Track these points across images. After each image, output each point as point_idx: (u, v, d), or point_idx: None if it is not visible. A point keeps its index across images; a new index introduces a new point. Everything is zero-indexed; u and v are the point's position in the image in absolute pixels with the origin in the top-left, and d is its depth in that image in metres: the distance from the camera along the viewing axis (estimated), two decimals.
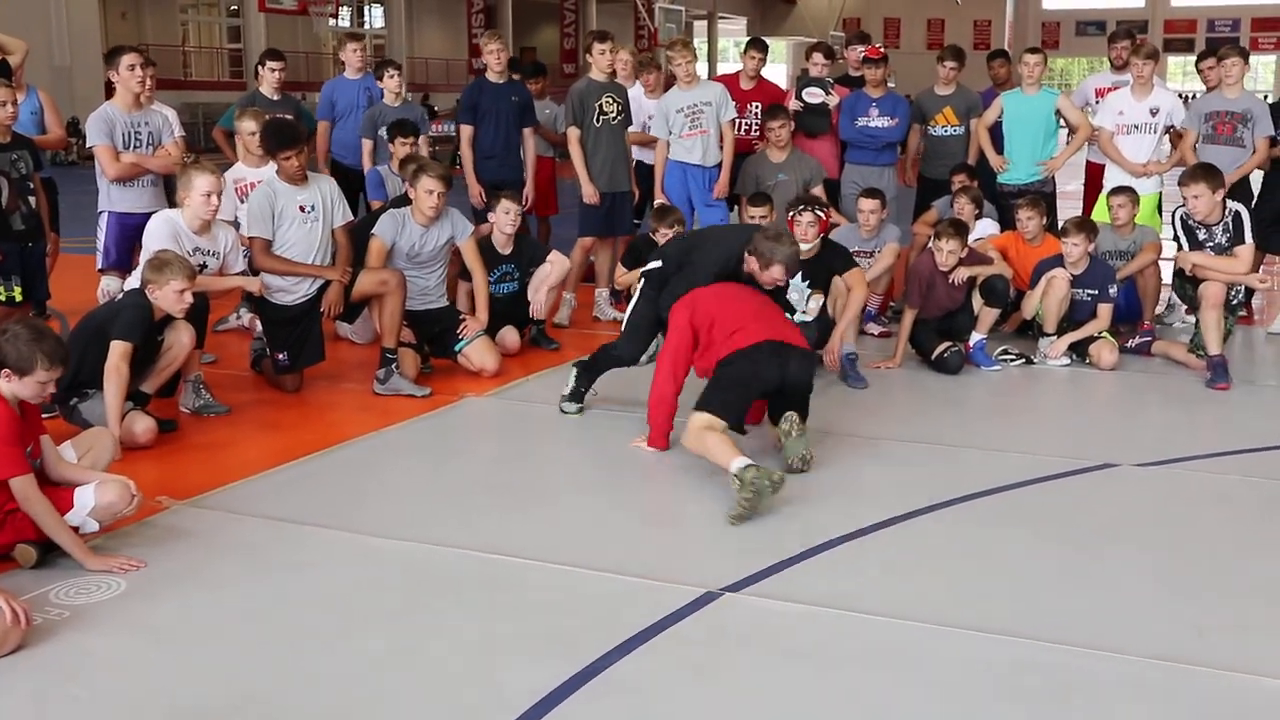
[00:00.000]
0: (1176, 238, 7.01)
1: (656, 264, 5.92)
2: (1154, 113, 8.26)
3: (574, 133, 8.30)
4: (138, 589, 4.01)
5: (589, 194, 8.22)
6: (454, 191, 7.00)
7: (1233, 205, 6.87)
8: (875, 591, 4.00)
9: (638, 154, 9.03)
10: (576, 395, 6.11)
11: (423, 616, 3.82)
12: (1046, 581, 4.11)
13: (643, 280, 5.98)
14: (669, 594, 3.92)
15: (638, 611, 3.79)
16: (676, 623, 3.74)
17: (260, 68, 8.91)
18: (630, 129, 8.79)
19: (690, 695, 3.34)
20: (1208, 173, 6.82)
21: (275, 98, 8.66)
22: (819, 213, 6.82)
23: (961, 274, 7.03)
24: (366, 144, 8.81)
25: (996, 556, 4.33)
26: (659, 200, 8.44)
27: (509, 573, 4.16)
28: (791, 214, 7.00)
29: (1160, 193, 8.44)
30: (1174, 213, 7.06)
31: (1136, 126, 8.30)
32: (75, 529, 4.17)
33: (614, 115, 8.31)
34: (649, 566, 4.16)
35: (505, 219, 7.43)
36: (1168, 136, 8.52)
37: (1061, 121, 8.77)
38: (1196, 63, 9.10)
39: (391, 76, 9.03)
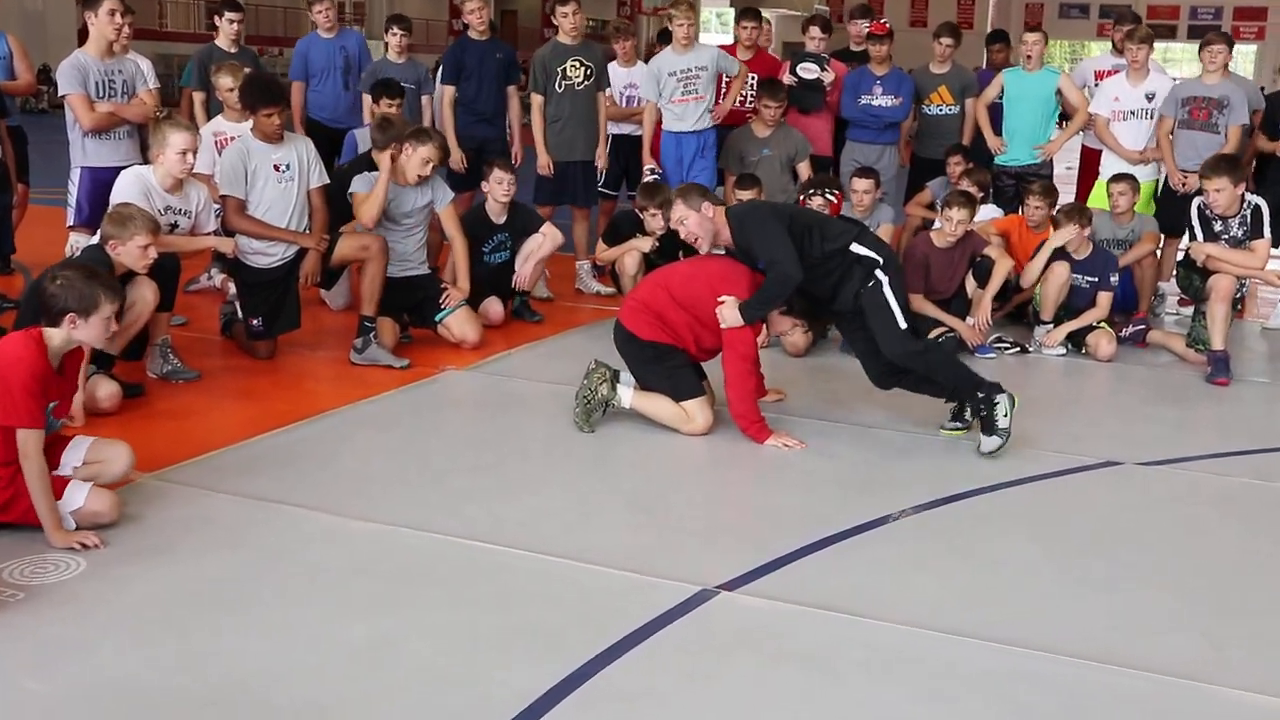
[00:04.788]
0: (1191, 227, 6.83)
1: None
2: (1150, 98, 8.08)
3: (536, 99, 8.08)
4: (99, 569, 3.79)
5: (542, 163, 7.97)
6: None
7: (1251, 199, 6.70)
8: (876, 593, 3.82)
9: (613, 128, 8.73)
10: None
11: (404, 607, 3.61)
12: (1051, 586, 3.93)
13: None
14: (661, 591, 3.73)
15: (629, 609, 3.60)
16: (669, 623, 3.54)
17: (218, 19, 8.57)
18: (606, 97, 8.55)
19: (685, 704, 3.15)
20: (1231, 166, 6.66)
21: (232, 50, 8.33)
22: (830, 196, 6.62)
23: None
24: (368, 101, 8.47)
25: (998, 558, 4.15)
26: (649, 170, 8.16)
27: (493, 562, 3.96)
28: (802, 196, 6.82)
29: (1158, 180, 8.28)
30: (1192, 202, 6.89)
31: (1133, 112, 8.12)
32: None
33: (579, 80, 8.05)
34: (640, 560, 3.97)
35: (499, 189, 7.19)
36: None
37: (1059, 103, 8.56)
38: (1200, 50, 8.89)
39: (395, 34, 8.72)
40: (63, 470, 4.16)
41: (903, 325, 5.17)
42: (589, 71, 8.09)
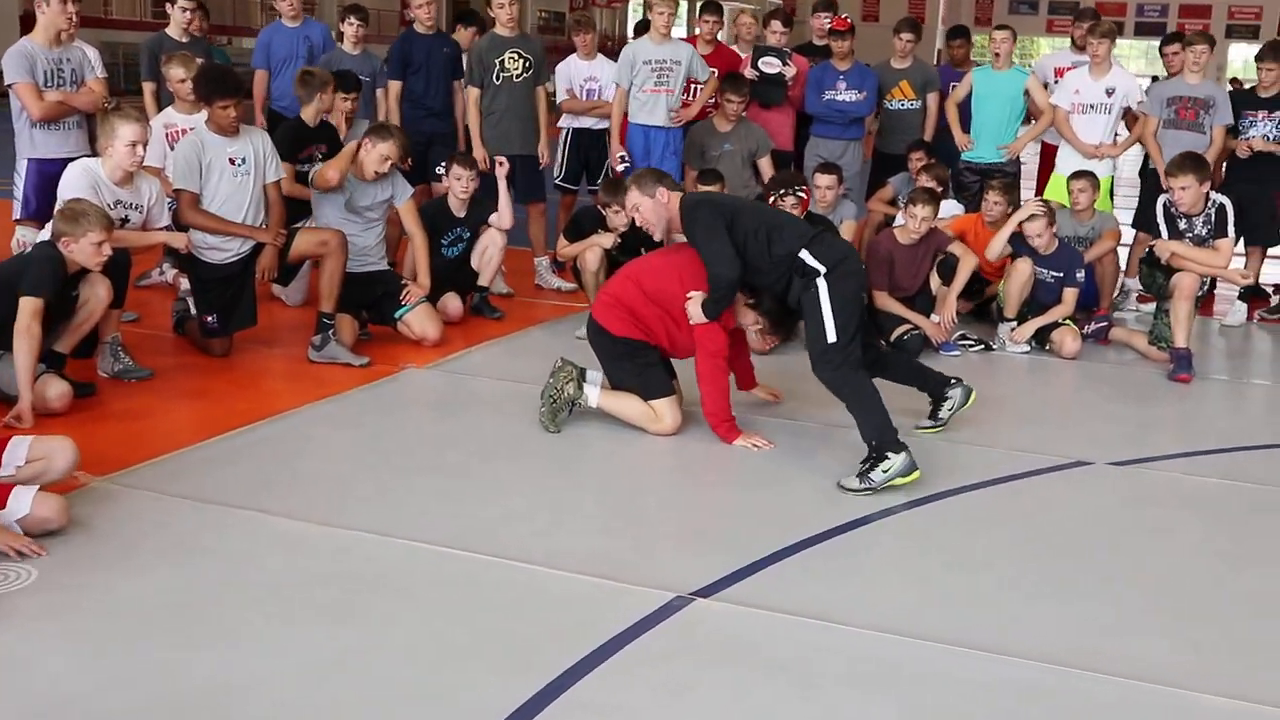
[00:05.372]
0: (1155, 225, 6.81)
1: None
2: (1110, 93, 8.09)
3: (473, 93, 7.95)
4: (50, 578, 3.65)
5: (478, 155, 7.81)
6: None
7: (1216, 197, 6.70)
8: (852, 599, 3.74)
9: (574, 121, 8.60)
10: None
11: (367, 619, 3.50)
12: (1029, 591, 3.88)
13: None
14: (635, 598, 3.64)
15: (602, 618, 3.50)
16: (643, 633, 3.45)
17: (169, 6, 8.35)
18: (564, 96, 8.44)
19: (662, 718, 3.06)
20: (1196, 164, 6.66)
21: (184, 40, 8.13)
22: (799, 193, 6.54)
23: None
24: None
25: (975, 561, 4.10)
26: (621, 157, 8.03)
27: (459, 569, 3.85)
28: (773, 197, 6.75)
29: (1113, 176, 8.29)
30: (1158, 200, 6.88)
31: (1092, 106, 8.13)
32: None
33: (517, 72, 7.92)
34: (611, 566, 3.87)
35: (457, 185, 7.08)
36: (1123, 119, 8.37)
37: (1026, 102, 8.54)
38: (1161, 47, 8.94)
39: (351, 24, 8.54)
40: (4, 470, 4.01)
41: (831, 338, 4.81)
42: (527, 64, 7.96)
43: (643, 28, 9.32)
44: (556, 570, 3.84)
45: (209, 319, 6.17)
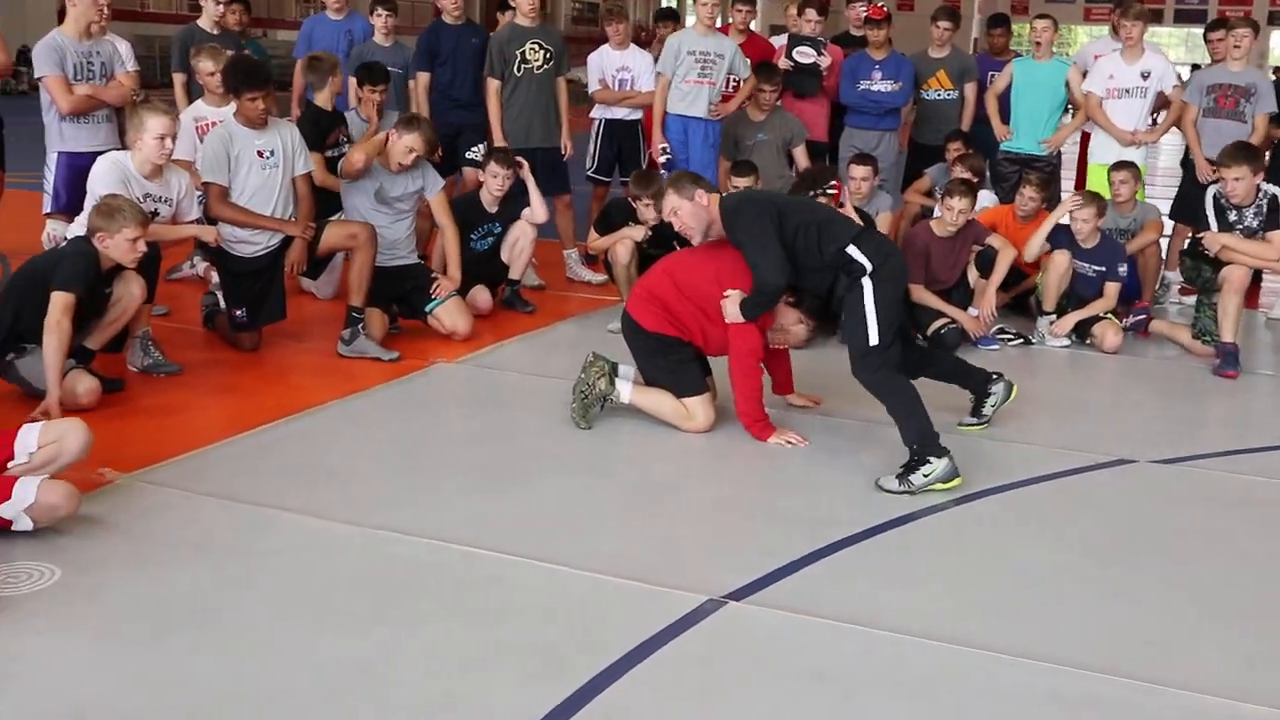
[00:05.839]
0: (1204, 216, 6.61)
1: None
2: (1145, 76, 7.91)
3: (493, 85, 7.83)
4: (73, 578, 3.60)
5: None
6: None
7: (1268, 188, 6.51)
8: (890, 602, 3.64)
9: (606, 112, 8.48)
10: None
11: (391, 623, 3.42)
12: (1073, 595, 3.76)
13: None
14: (666, 601, 3.55)
15: (631, 622, 3.42)
16: (675, 637, 3.36)
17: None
18: (596, 86, 8.33)
19: None
20: (1250, 154, 6.49)
21: (215, 32, 8.10)
22: (831, 190, 6.38)
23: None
24: (353, 83, 8.24)
25: (1017, 564, 3.98)
26: (663, 149, 7.92)
27: (485, 571, 3.77)
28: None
29: (1145, 165, 8.11)
30: (1207, 191, 6.70)
31: (1127, 90, 7.96)
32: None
33: (538, 64, 7.81)
34: (641, 567, 3.79)
35: (493, 182, 7.00)
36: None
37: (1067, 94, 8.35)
38: (1205, 33, 8.74)
39: (380, 15, 8.49)
40: (18, 459, 3.97)
41: (873, 340, 4.70)
42: (548, 55, 7.85)
43: (665, 14, 9.18)
44: (586, 571, 3.75)
45: (238, 313, 6.13)
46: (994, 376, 5.29)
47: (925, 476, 4.51)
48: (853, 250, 4.81)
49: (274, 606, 3.50)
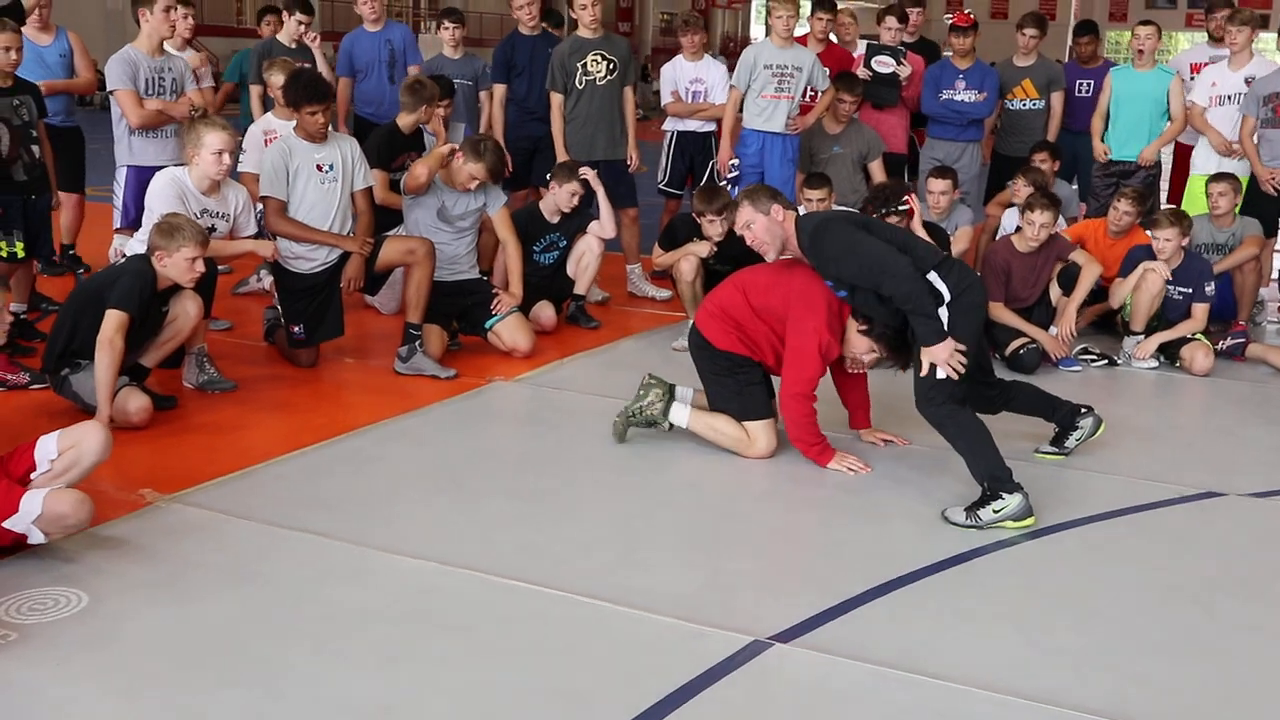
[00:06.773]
0: None
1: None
2: (1249, 83, 7.53)
3: (556, 99, 7.67)
4: (101, 605, 3.51)
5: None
6: None
7: None
8: (951, 649, 3.40)
9: (679, 125, 8.30)
10: None
11: (420, 661, 3.26)
12: (1152, 645, 3.48)
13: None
14: (708, 642, 3.36)
15: (670, 664, 3.23)
16: (714, 681, 3.17)
17: (285, 15, 8.35)
18: (669, 98, 8.15)
19: None
20: None
21: (292, 46, 8.12)
22: (902, 209, 6.08)
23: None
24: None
25: (1090, 609, 3.71)
26: (734, 165, 7.73)
27: (523, 606, 3.60)
28: (874, 216, 6.38)
29: (1245, 177, 7.70)
30: None
31: (1230, 98, 7.60)
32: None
33: (600, 75, 7.64)
34: (686, 605, 3.59)
35: (566, 198, 6.87)
36: None
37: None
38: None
39: (447, 28, 8.45)
40: (40, 468, 3.88)
41: (941, 373, 4.48)
42: (611, 66, 7.67)
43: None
44: (626, 608, 3.57)
45: (295, 329, 6.06)
46: (1083, 410, 5.01)
47: (996, 513, 4.25)
48: (933, 277, 4.54)
49: (298, 639, 3.36)
